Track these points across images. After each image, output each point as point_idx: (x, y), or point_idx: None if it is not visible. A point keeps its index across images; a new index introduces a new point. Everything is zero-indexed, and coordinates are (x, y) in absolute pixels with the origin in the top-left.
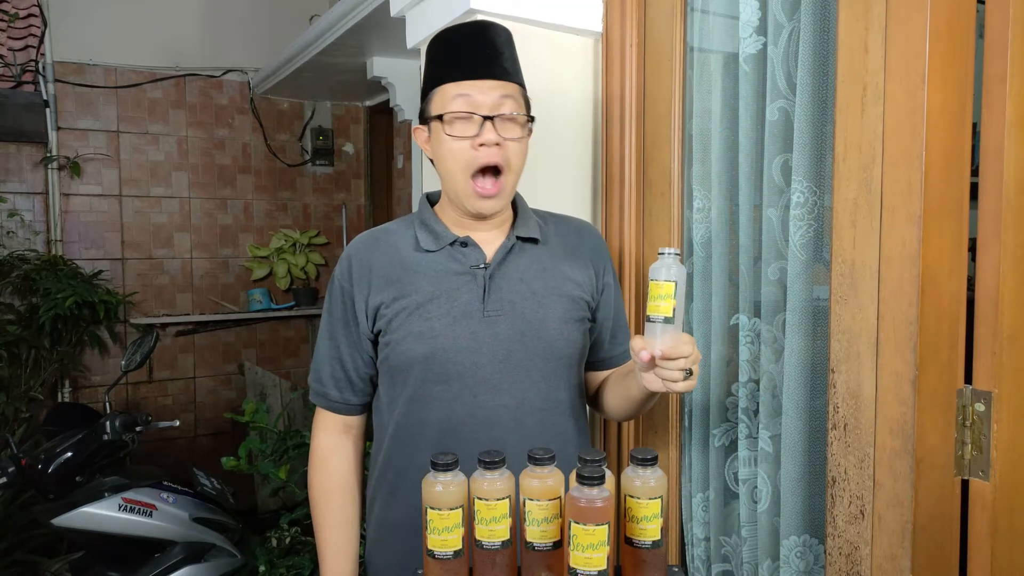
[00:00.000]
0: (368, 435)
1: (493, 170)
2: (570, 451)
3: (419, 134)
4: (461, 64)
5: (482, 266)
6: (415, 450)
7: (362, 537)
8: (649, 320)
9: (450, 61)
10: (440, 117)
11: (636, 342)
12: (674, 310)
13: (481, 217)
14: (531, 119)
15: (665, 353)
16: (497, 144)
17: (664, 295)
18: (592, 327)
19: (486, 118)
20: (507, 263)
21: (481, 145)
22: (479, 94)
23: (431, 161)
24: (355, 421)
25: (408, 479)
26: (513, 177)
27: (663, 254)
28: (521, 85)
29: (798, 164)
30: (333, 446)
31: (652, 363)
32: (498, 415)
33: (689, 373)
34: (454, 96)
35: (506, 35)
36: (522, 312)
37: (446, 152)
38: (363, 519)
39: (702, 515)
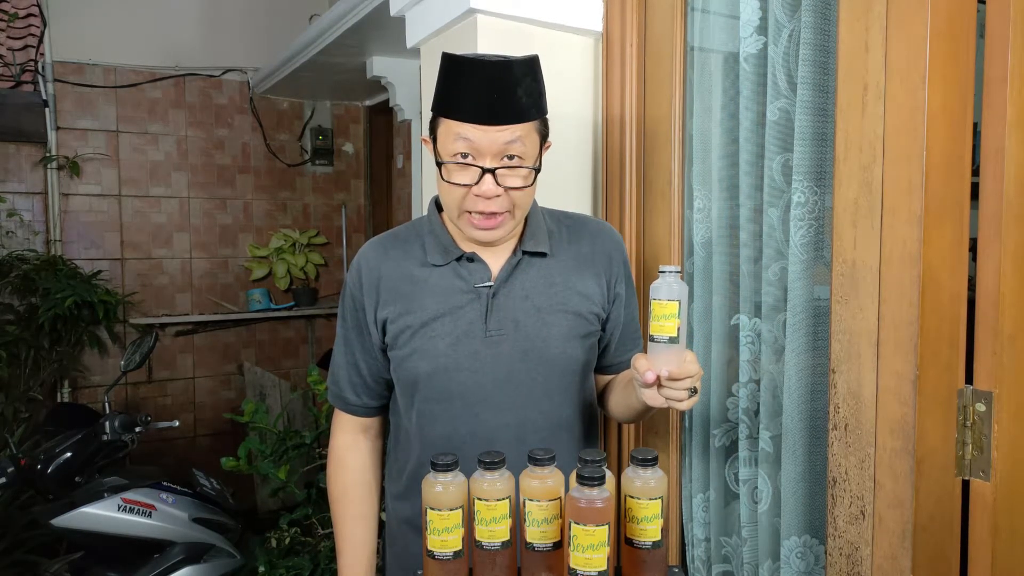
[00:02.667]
0: (385, 433)
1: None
2: (574, 467)
3: (427, 145)
4: (467, 104)
5: (486, 285)
6: (422, 461)
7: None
8: (653, 340)
9: (458, 95)
10: (439, 163)
11: (640, 363)
12: (678, 330)
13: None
14: (541, 161)
15: (672, 374)
16: (498, 195)
17: (668, 315)
18: (601, 336)
19: (486, 171)
20: (512, 280)
21: (478, 195)
22: (483, 139)
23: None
24: (372, 422)
25: (416, 486)
26: (520, 213)
27: (664, 272)
28: (536, 118)
29: (798, 164)
30: (350, 444)
31: (656, 383)
32: (500, 434)
33: (694, 391)
34: (456, 137)
35: (525, 67)
36: (525, 331)
37: (444, 189)
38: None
39: (702, 516)
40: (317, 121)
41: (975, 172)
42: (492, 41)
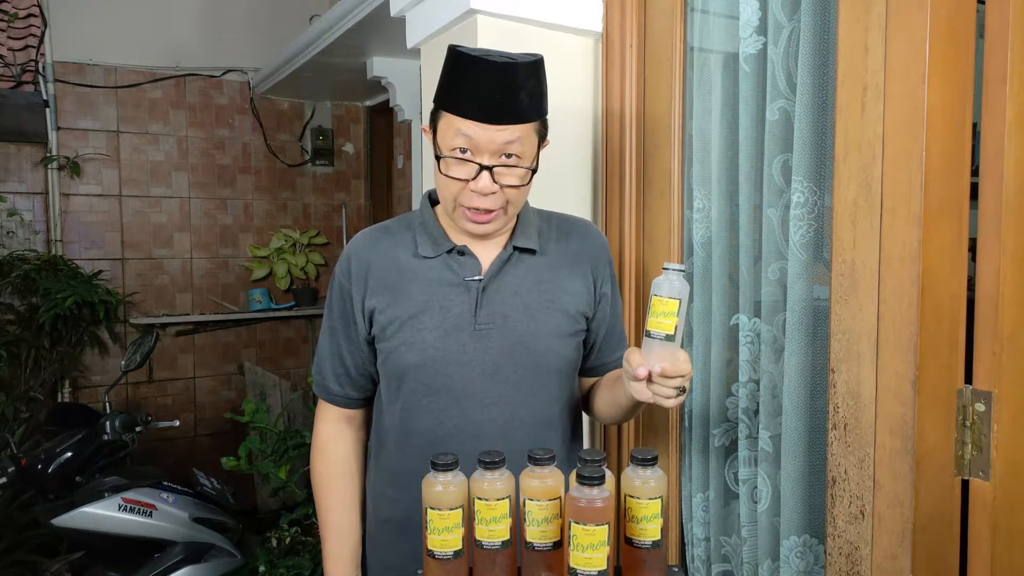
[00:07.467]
0: (368, 426)
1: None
2: (559, 468)
3: (427, 134)
4: (470, 102)
5: (476, 278)
6: (404, 457)
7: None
8: (648, 335)
9: (461, 92)
10: (438, 156)
11: (634, 357)
12: (676, 328)
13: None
14: (538, 161)
15: (664, 371)
16: (493, 192)
17: (667, 312)
18: (587, 336)
19: (483, 167)
20: (502, 275)
21: (474, 191)
22: (482, 136)
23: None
24: (356, 413)
25: (398, 483)
26: (513, 210)
27: (668, 269)
28: (537, 119)
29: (798, 164)
30: (334, 434)
31: (648, 378)
32: (486, 429)
33: (682, 391)
34: (456, 132)
35: (529, 69)
36: (514, 326)
37: (441, 182)
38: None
39: (702, 515)
40: (317, 121)
41: (975, 172)
42: (492, 41)
